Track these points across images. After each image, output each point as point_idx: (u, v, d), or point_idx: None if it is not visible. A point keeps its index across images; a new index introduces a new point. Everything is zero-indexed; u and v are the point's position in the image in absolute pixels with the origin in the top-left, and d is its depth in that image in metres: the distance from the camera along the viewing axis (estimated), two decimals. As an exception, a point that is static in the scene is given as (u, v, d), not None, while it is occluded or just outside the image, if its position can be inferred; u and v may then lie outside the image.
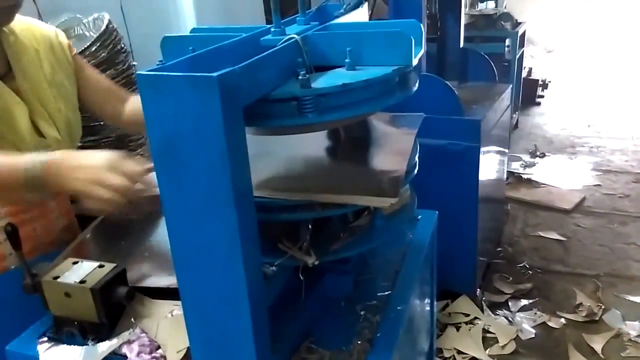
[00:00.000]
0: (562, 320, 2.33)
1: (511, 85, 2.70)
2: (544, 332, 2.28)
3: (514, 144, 4.25)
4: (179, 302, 0.77)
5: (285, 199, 0.84)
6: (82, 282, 0.94)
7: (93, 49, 1.49)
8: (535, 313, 2.38)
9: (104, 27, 1.54)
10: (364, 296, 1.04)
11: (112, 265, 0.98)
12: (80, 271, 0.97)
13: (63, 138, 1.19)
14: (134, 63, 1.66)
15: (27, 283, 0.96)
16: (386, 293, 1.04)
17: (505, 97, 2.56)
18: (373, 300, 1.03)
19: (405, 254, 1.17)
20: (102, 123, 1.55)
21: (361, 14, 1.13)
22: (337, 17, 1.05)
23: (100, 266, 0.98)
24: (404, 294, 1.04)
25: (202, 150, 0.64)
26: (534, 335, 2.25)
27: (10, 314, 1.09)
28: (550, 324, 2.32)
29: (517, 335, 2.24)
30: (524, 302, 2.46)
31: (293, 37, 0.80)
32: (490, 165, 2.42)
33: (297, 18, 0.96)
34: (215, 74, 0.60)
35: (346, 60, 0.81)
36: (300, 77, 0.74)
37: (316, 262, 0.85)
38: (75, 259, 1.01)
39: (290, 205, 0.84)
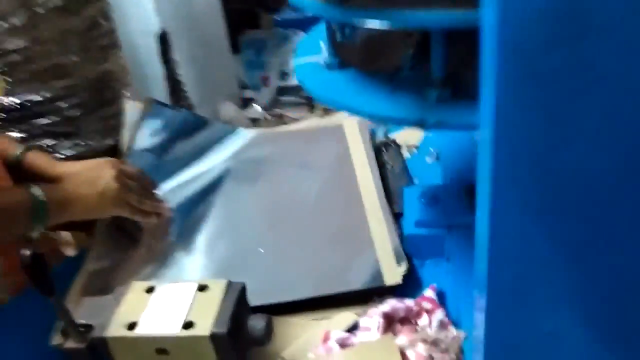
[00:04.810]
0: None
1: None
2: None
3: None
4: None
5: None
6: (188, 325, 0.51)
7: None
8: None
9: None
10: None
11: (222, 281, 0.55)
12: (169, 304, 0.54)
13: None
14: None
15: (78, 347, 0.52)
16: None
17: None
18: None
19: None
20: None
21: None
22: None
23: (201, 288, 0.55)
24: None
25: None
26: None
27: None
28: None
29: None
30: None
31: None
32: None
33: None
34: None
35: None
36: None
37: None
38: (149, 284, 0.57)
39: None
